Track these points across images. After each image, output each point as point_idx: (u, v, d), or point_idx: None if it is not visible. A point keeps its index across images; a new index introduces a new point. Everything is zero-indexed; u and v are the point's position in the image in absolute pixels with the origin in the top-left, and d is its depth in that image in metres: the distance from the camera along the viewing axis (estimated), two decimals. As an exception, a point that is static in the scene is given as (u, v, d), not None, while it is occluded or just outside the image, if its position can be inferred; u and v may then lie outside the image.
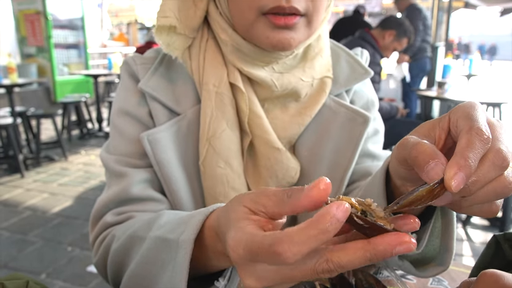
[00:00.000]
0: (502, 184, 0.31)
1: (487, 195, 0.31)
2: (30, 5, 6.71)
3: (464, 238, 2.50)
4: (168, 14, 0.55)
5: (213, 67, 0.57)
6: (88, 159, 4.29)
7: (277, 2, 0.49)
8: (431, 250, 0.45)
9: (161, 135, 0.57)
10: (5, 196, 3.25)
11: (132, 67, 0.62)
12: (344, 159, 0.61)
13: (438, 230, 0.44)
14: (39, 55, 6.91)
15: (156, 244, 0.45)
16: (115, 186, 0.58)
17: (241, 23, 0.54)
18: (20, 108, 4.40)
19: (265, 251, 0.28)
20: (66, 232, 2.60)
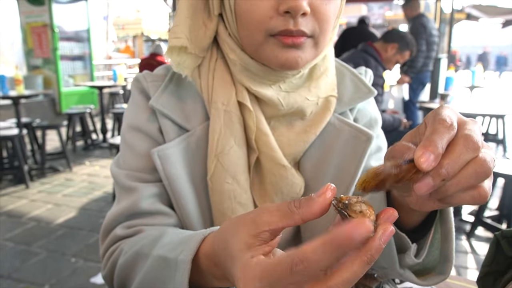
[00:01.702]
0: (479, 163, 0.32)
1: (469, 177, 0.33)
2: (38, 18, 6.82)
3: (469, 250, 2.49)
4: (179, 35, 0.56)
5: (222, 86, 0.59)
6: (92, 170, 4.31)
7: (285, 26, 0.50)
8: (431, 260, 0.47)
9: (171, 151, 0.58)
10: (9, 206, 3.27)
11: (142, 84, 0.64)
12: (347, 176, 0.62)
13: (438, 242, 0.46)
14: (45, 67, 7.00)
15: (158, 262, 0.46)
16: (125, 200, 0.60)
17: (250, 44, 0.55)
18: (25, 119, 4.45)
19: (284, 275, 0.29)
20: (69, 243, 2.61)
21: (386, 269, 0.50)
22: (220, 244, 0.37)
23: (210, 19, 0.58)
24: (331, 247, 0.28)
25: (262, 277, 0.31)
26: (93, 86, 5.62)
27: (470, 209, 2.92)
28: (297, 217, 0.32)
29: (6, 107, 6.00)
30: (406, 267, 0.47)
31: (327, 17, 0.52)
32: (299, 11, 0.49)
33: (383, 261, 0.48)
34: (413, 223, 0.47)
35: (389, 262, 0.47)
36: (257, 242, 0.33)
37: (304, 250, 0.29)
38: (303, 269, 0.28)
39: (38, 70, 7.05)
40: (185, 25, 0.57)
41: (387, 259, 0.47)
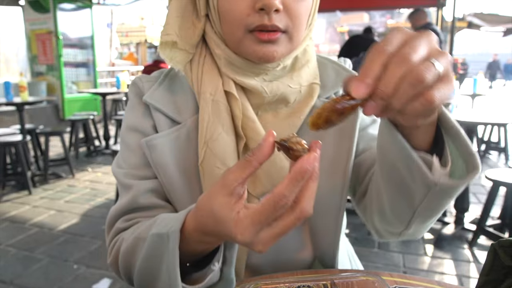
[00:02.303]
0: (412, 75, 0.34)
1: (405, 89, 0.34)
2: (42, 25, 6.90)
3: (471, 259, 2.48)
4: (169, 32, 0.62)
5: (209, 78, 0.64)
6: (94, 176, 4.33)
7: (260, 21, 0.56)
8: (459, 170, 0.46)
9: (159, 141, 0.64)
10: (12, 212, 3.29)
11: (138, 85, 0.70)
12: (343, 153, 0.66)
13: (455, 152, 0.46)
14: (49, 73, 7.06)
15: (153, 240, 0.52)
16: (125, 197, 0.66)
17: (232, 40, 0.61)
18: (29, 126, 4.48)
19: (271, 213, 0.39)
20: (72, 250, 2.62)
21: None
22: (204, 216, 0.45)
23: (198, 19, 0.64)
24: (297, 181, 0.39)
25: (253, 223, 0.40)
26: (96, 93, 5.66)
27: (472, 218, 2.92)
28: (255, 163, 0.41)
29: (10, 113, 6.05)
30: (439, 184, 0.45)
31: (298, 13, 0.58)
32: (272, 8, 0.55)
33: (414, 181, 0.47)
34: (424, 143, 0.47)
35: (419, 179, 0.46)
36: (234, 199, 0.42)
37: (280, 190, 0.39)
38: (283, 204, 0.39)
39: (42, 76, 7.11)
40: (175, 24, 0.63)
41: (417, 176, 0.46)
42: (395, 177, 0.50)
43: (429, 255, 2.55)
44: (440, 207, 0.50)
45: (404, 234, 0.58)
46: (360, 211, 0.67)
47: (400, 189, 0.50)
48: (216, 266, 0.51)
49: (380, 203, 0.57)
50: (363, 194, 0.65)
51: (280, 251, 0.71)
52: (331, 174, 0.67)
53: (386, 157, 0.50)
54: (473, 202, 3.36)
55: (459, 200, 2.78)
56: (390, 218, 0.56)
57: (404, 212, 0.53)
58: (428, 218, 0.54)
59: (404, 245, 2.68)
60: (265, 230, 0.41)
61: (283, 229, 0.41)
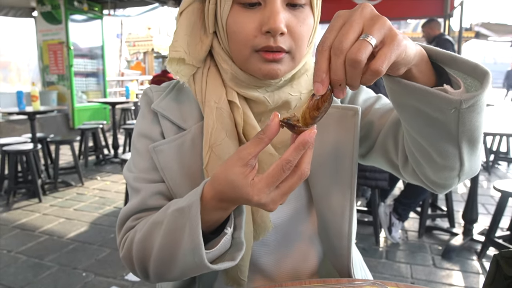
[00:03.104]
0: (349, 58, 0.40)
1: (349, 71, 0.41)
2: (54, 35, 7.04)
3: (480, 271, 2.46)
4: (178, 49, 0.66)
5: (214, 88, 0.68)
6: (103, 185, 4.38)
7: (266, 43, 0.60)
8: (472, 86, 0.49)
9: (165, 146, 0.69)
10: (22, 220, 3.33)
11: (149, 95, 0.75)
12: (347, 150, 0.69)
13: (459, 74, 0.50)
14: (60, 83, 7.17)
15: (173, 215, 0.57)
16: (134, 199, 0.70)
17: (238, 57, 0.64)
18: (40, 134, 4.56)
19: (279, 175, 0.48)
20: (81, 258, 2.64)
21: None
22: (222, 184, 0.51)
23: (206, 36, 0.68)
24: (300, 149, 0.47)
25: (267, 184, 0.48)
26: (106, 102, 5.73)
27: (481, 228, 2.90)
28: (266, 139, 0.49)
29: (21, 122, 6.15)
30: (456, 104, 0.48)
31: (301, 36, 0.62)
32: (277, 32, 0.58)
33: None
34: (429, 80, 0.51)
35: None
36: (248, 169, 0.49)
37: (286, 156, 0.47)
38: (288, 167, 0.48)
39: (53, 86, 7.23)
40: (183, 41, 0.66)
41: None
42: (425, 121, 0.52)
43: (437, 266, 2.53)
44: (476, 126, 0.51)
45: (463, 173, 0.58)
46: (410, 177, 0.67)
47: (435, 129, 0.52)
48: (228, 231, 0.57)
49: (425, 155, 0.58)
50: (405, 160, 0.66)
51: (285, 249, 0.72)
52: (338, 171, 0.70)
53: (407, 108, 0.53)
54: (482, 213, 3.34)
55: (467, 211, 2.77)
56: (442, 163, 0.57)
57: (450, 150, 0.54)
58: (473, 144, 0.54)
59: (411, 256, 2.67)
60: (274, 191, 0.49)
61: (288, 188, 0.50)
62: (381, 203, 2.95)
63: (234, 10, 0.61)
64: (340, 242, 0.71)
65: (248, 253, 0.68)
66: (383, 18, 0.42)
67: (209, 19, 0.66)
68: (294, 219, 0.72)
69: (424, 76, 0.51)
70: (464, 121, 0.50)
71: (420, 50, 0.49)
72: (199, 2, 0.68)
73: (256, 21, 0.60)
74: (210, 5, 0.64)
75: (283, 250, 0.73)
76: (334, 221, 0.70)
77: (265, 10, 0.59)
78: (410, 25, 16.95)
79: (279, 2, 0.59)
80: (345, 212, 0.70)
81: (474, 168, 0.60)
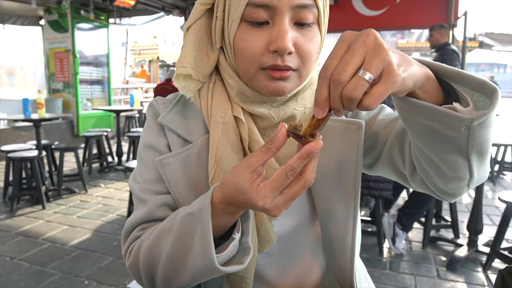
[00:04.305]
0: (344, 94, 0.44)
1: (345, 99, 0.44)
2: (61, 44, 7.12)
3: (485, 283, 2.43)
4: (185, 65, 0.66)
5: (220, 103, 0.68)
6: (107, 192, 4.38)
7: (274, 61, 0.60)
8: (481, 102, 0.50)
9: (171, 159, 0.69)
10: (26, 227, 3.34)
11: (155, 107, 0.75)
12: (351, 164, 0.69)
13: (467, 91, 0.51)
14: (65, 90, 7.24)
15: (184, 220, 0.58)
16: (141, 210, 0.70)
17: (245, 74, 0.65)
18: (44, 141, 4.58)
19: (283, 181, 0.50)
20: (83, 265, 2.64)
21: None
22: (230, 189, 0.53)
23: (213, 51, 0.68)
24: (304, 158, 0.49)
25: (272, 190, 0.50)
26: (110, 110, 5.77)
27: (486, 240, 2.87)
28: (273, 149, 0.51)
29: (26, 129, 6.20)
30: (466, 124, 0.48)
31: (309, 54, 0.62)
32: (285, 52, 0.59)
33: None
34: (437, 99, 0.52)
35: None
36: (255, 175, 0.52)
37: (290, 163, 0.49)
38: (292, 173, 0.50)
39: (59, 93, 7.30)
40: (190, 57, 0.67)
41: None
42: (434, 137, 0.53)
43: (441, 277, 2.51)
44: (485, 140, 0.52)
45: (472, 182, 0.58)
46: (419, 186, 0.67)
47: (445, 144, 0.53)
48: (236, 236, 0.58)
49: (435, 167, 0.58)
50: (413, 170, 0.65)
51: (289, 261, 0.72)
52: (341, 184, 0.69)
53: (416, 126, 0.54)
54: (486, 224, 3.31)
55: (472, 222, 2.74)
56: (452, 175, 0.57)
57: (459, 162, 0.54)
58: (482, 155, 0.54)
59: (416, 267, 2.64)
60: (278, 197, 0.51)
61: (292, 195, 0.51)
62: (385, 213, 2.93)
63: (242, 28, 0.61)
64: (344, 255, 0.70)
65: (253, 264, 0.68)
66: (384, 51, 0.43)
67: (216, 35, 0.66)
68: (298, 231, 0.72)
69: (431, 95, 0.51)
70: (475, 136, 0.50)
71: (425, 72, 0.49)
72: (206, 17, 0.68)
73: (264, 39, 0.60)
74: (218, 22, 0.65)
75: (287, 262, 0.73)
76: (338, 234, 0.70)
77: (273, 29, 0.59)
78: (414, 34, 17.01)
79: (287, 21, 0.59)
80: (349, 225, 0.70)
81: (483, 176, 0.60)
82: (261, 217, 0.68)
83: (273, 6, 0.59)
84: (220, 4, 0.64)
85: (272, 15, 0.59)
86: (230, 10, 0.62)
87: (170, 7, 7.22)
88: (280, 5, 0.58)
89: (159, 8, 7.27)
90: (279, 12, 0.59)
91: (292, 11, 0.59)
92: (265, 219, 0.68)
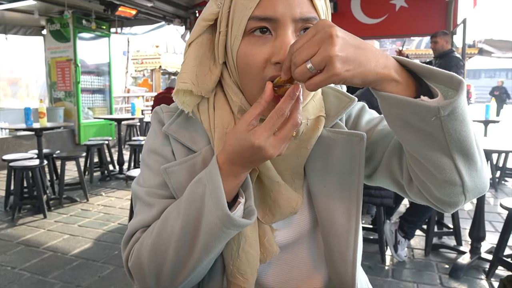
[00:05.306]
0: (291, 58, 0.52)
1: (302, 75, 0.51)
2: (63, 53, 7.18)
3: (489, 291, 2.41)
4: (186, 81, 0.67)
5: (223, 116, 0.69)
6: (108, 201, 4.38)
7: (276, 73, 0.61)
8: (451, 95, 0.52)
9: (177, 168, 0.69)
10: (27, 236, 3.34)
11: (160, 115, 0.75)
12: (353, 176, 0.69)
13: (439, 87, 0.53)
14: (67, 99, 7.27)
15: (191, 189, 0.61)
16: (145, 213, 0.69)
17: (249, 91, 0.65)
18: (46, 150, 4.59)
19: (275, 121, 0.56)
20: (84, 275, 2.63)
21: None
22: (230, 144, 0.59)
23: (215, 66, 0.68)
24: (288, 99, 0.55)
25: (265, 129, 0.56)
26: (111, 118, 5.79)
27: (489, 247, 2.85)
28: (263, 101, 0.57)
29: (28, 138, 6.21)
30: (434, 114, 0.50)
31: None
32: None
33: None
34: (410, 92, 0.55)
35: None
36: (251, 127, 0.57)
37: (279, 105, 0.55)
38: (282, 113, 0.55)
39: (60, 102, 7.33)
40: (192, 72, 0.67)
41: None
42: (412, 133, 0.54)
43: (444, 285, 2.49)
44: (464, 137, 0.52)
45: (467, 190, 0.57)
46: (416, 196, 0.66)
47: (425, 141, 0.54)
48: (241, 200, 0.62)
49: (423, 170, 0.58)
50: (409, 180, 0.65)
51: (290, 271, 0.72)
52: (344, 198, 0.69)
53: (394, 121, 0.56)
54: (489, 231, 3.29)
55: (474, 229, 2.73)
56: (441, 177, 0.56)
57: (444, 162, 0.54)
58: (466, 156, 0.54)
59: (418, 274, 2.63)
60: (272, 137, 0.56)
61: (284, 134, 0.57)
62: (387, 221, 2.92)
63: (245, 43, 0.62)
64: (345, 268, 0.70)
65: (254, 273, 0.68)
66: (333, 50, 0.48)
67: (219, 51, 0.67)
68: (299, 242, 0.72)
69: (405, 89, 0.54)
70: (449, 130, 0.51)
71: (386, 74, 0.52)
72: (209, 33, 0.68)
73: (266, 53, 0.61)
74: (221, 37, 0.65)
75: (289, 272, 0.73)
76: (339, 247, 0.69)
77: (275, 42, 0.60)
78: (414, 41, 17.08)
79: (290, 33, 0.60)
80: (350, 238, 0.69)
81: (480, 186, 0.59)
82: (264, 229, 0.68)
83: (276, 19, 0.59)
84: (223, 19, 0.64)
85: (275, 28, 0.60)
86: (233, 25, 0.63)
87: (171, 17, 7.28)
88: (283, 18, 0.59)
89: (160, 18, 7.33)
90: (281, 24, 0.60)
91: (295, 24, 0.60)
92: (267, 231, 0.68)
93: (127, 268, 0.68)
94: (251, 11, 0.60)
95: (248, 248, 0.67)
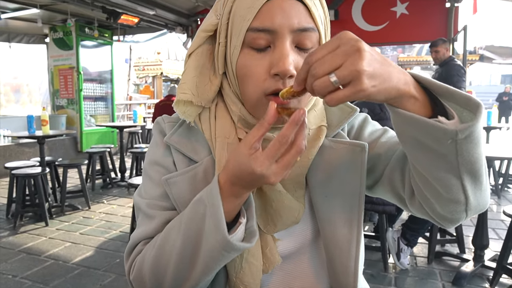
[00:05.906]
0: (312, 76, 0.48)
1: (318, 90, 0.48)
2: (65, 61, 7.23)
3: (493, 299, 2.39)
4: (186, 92, 0.67)
5: (224, 125, 0.69)
6: (110, 208, 4.38)
7: (275, 86, 0.61)
8: (467, 117, 0.50)
9: (178, 179, 0.68)
10: (29, 244, 3.33)
11: (161, 125, 0.76)
12: (355, 186, 0.69)
13: (454, 107, 0.51)
14: (69, 107, 7.31)
15: (192, 208, 0.60)
16: (147, 225, 0.69)
17: (249, 101, 0.65)
18: (48, 158, 4.60)
19: (278, 148, 0.53)
20: (86, 283, 2.62)
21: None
22: (231, 166, 0.57)
23: (215, 76, 0.69)
24: (293, 125, 0.52)
25: (267, 157, 0.53)
26: (113, 126, 5.80)
27: (492, 254, 2.83)
28: (266, 124, 0.54)
29: (30, 145, 6.23)
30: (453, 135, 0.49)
31: None
32: (286, 75, 0.59)
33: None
34: (426, 111, 0.53)
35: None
36: (253, 150, 0.54)
37: (282, 132, 0.52)
38: (285, 141, 0.53)
39: (63, 110, 7.37)
40: (192, 83, 0.68)
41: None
42: (425, 153, 0.53)
43: (448, 294, 2.47)
44: (476, 159, 0.52)
45: (470, 208, 0.57)
46: (417, 211, 0.66)
47: (436, 161, 0.53)
48: (243, 220, 0.60)
49: (430, 187, 0.58)
50: (411, 194, 0.65)
51: (292, 281, 0.72)
52: (345, 208, 0.69)
53: (408, 139, 0.54)
54: (492, 238, 3.27)
55: (477, 236, 2.72)
56: (447, 196, 0.56)
57: (452, 182, 0.54)
58: (474, 177, 0.54)
59: (421, 282, 2.61)
60: (274, 165, 0.54)
61: (287, 162, 0.54)
62: (389, 228, 2.91)
63: (244, 54, 0.62)
64: (347, 278, 0.70)
65: (258, 285, 0.68)
66: (361, 65, 0.45)
67: (219, 61, 0.67)
68: (301, 252, 0.72)
69: (422, 106, 0.52)
70: (463, 152, 0.50)
71: (407, 91, 0.50)
72: (209, 44, 0.69)
73: (266, 64, 0.61)
74: (220, 48, 0.66)
75: (291, 282, 0.73)
76: (341, 257, 0.69)
77: (274, 53, 0.60)
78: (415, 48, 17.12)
79: (288, 45, 0.60)
80: (352, 249, 0.69)
81: (482, 204, 0.59)
82: (266, 239, 0.68)
83: (274, 30, 0.60)
84: (222, 30, 0.65)
85: (273, 39, 0.60)
86: (232, 37, 0.63)
87: (173, 24, 7.33)
88: (281, 29, 0.59)
89: (162, 25, 7.38)
90: (280, 36, 0.60)
91: (293, 35, 0.60)
92: (269, 241, 0.68)
93: (129, 280, 0.68)
94: (249, 23, 0.60)
95: (251, 259, 0.67)
